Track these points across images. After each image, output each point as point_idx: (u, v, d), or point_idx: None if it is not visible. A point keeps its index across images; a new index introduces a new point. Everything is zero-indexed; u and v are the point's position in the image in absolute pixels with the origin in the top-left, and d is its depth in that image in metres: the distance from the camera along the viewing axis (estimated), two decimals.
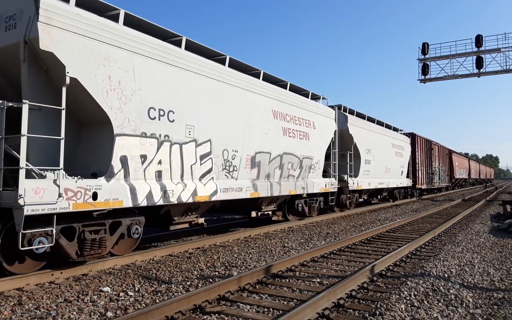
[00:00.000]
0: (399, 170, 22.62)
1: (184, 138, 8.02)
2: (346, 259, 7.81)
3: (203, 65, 8.67)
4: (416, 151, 26.58)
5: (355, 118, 17.14)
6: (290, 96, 12.25)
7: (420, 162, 27.32)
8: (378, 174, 19.21)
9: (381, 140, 19.69)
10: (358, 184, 16.93)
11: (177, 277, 6.45)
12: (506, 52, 23.28)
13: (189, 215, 8.84)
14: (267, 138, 10.73)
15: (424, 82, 25.74)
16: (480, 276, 6.53)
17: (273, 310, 4.87)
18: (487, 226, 12.71)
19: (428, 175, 29.76)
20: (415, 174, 26.28)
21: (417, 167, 26.60)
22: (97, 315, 4.71)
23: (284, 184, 11.56)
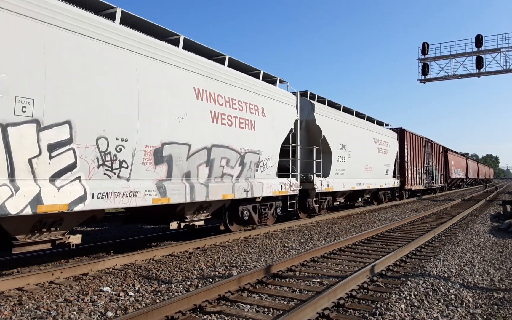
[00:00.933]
0: (383, 169, 19.97)
1: (10, 117, 5.34)
2: (346, 259, 7.81)
3: (52, 8, 5.85)
4: (405, 148, 23.99)
5: (324, 107, 14.74)
6: (228, 73, 9.54)
7: (410, 160, 24.83)
8: (356, 174, 16.79)
9: (360, 134, 17.29)
10: (329, 185, 14.37)
11: (177, 277, 6.45)
12: (506, 52, 23.29)
13: (44, 232, 6.25)
14: (184, 125, 7.98)
15: (424, 82, 25.75)
16: (480, 276, 6.53)
17: (273, 310, 4.87)
18: (487, 226, 12.71)
19: (420, 175, 27.19)
20: (403, 173, 23.71)
21: (406, 166, 24.08)
22: (97, 315, 4.71)
23: (215, 186, 8.87)
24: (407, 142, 24.50)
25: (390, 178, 21.42)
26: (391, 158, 21.16)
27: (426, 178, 29.10)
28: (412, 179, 25.39)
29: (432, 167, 31.33)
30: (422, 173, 27.78)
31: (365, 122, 18.41)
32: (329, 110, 14.97)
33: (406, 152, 24.27)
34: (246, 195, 9.92)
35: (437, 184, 33.24)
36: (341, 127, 15.56)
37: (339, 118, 15.58)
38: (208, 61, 9.08)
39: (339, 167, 15.19)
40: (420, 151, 27.40)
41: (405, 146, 24.04)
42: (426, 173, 28.92)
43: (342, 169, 15.45)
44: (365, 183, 17.67)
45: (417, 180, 26.44)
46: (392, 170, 21.62)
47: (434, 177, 31.99)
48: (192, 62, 8.49)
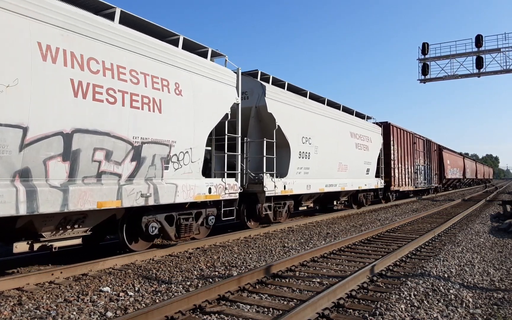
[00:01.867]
0: (362, 167, 17.44)
1: None
2: (346, 259, 7.81)
3: None
4: (391, 145, 21.64)
5: (280, 91, 11.84)
6: (116, 31, 6.96)
7: (397, 158, 22.40)
8: (326, 173, 14.01)
9: (332, 126, 14.50)
10: (287, 187, 11.69)
11: (177, 277, 6.45)
12: (506, 52, 23.29)
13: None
14: (12, 97, 5.37)
15: (424, 82, 25.74)
16: (480, 276, 6.53)
17: (273, 310, 4.87)
18: (487, 226, 12.71)
19: (409, 175, 24.92)
20: (389, 173, 21.24)
21: (392, 165, 21.58)
22: (97, 315, 4.71)
23: (83, 190, 6.26)
24: (394, 138, 22.18)
25: (372, 178, 18.84)
26: (373, 155, 18.51)
27: (417, 178, 26.65)
28: (400, 179, 22.95)
29: (424, 166, 28.84)
30: (412, 172, 25.38)
31: (339, 112, 15.48)
32: (287, 95, 12.09)
33: (393, 149, 21.83)
34: (145, 202, 7.28)
35: (431, 184, 30.57)
36: (305, 117, 12.66)
37: (302, 105, 12.67)
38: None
39: (301, 165, 12.33)
40: (409, 148, 25.06)
41: (391, 142, 21.65)
42: (416, 172, 26.43)
43: (306, 167, 12.58)
44: (338, 184, 14.95)
45: (405, 180, 24.06)
46: (375, 169, 19.02)
47: (427, 176, 29.44)
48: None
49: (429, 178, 30.06)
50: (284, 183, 11.56)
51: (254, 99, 11.21)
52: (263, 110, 11.17)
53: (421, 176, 27.76)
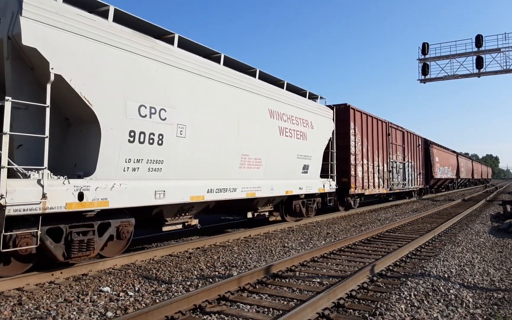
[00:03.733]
0: (295, 164, 12.17)
1: None
2: (346, 259, 7.81)
3: None
4: (351, 135, 16.69)
5: (74, 12, 6.18)
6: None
7: (361, 152, 17.57)
8: (210, 171, 8.88)
9: (225, 97, 9.25)
10: (89, 195, 6.25)
11: (177, 277, 6.45)
12: (506, 52, 23.29)
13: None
14: None
15: (424, 82, 25.74)
16: (480, 276, 6.53)
17: (273, 310, 4.87)
18: (487, 226, 12.71)
19: (381, 174, 19.82)
20: (347, 171, 16.30)
21: (353, 161, 16.67)
22: (97, 315, 4.71)
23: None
24: (356, 125, 17.27)
25: (315, 179, 13.36)
26: (315, 147, 13.14)
27: (393, 178, 21.53)
28: (365, 180, 17.94)
29: (404, 163, 23.76)
30: (384, 171, 20.32)
31: (247, 79, 10.17)
32: (98, 24, 6.50)
33: (354, 140, 16.98)
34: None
35: (412, 185, 25.53)
36: (152, 72, 7.38)
37: (142, 50, 7.21)
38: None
39: (140, 156, 7.19)
40: (381, 140, 20.19)
41: (351, 132, 16.66)
42: (392, 171, 21.38)
43: (152, 160, 7.42)
44: (242, 188, 9.79)
45: (374, 180, 19.00)
46: (320, 165, 13.64)
47: (408, 176, 24.59)
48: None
49: (411, 178, 25.24)
50: (79, 188, 6.11)
51: (6, 23, 5.72)
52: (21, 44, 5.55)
53: (399, 176, 22.64)
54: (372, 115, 19.37)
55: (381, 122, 20.42)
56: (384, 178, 20.35)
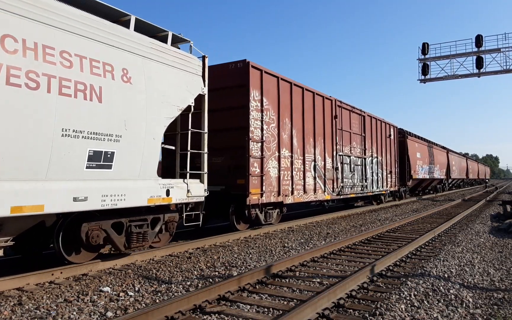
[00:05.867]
0: (64, 148, 5.87)
1: None
2: (346, 259, 7.81)
3: None
4: (253, 109, 10.78)
5: None
6: None
7: (280, 138, 11.87)
8: None
9: None
10: None
11: (177, 277, 6.45)
12: (506, 52, 23.32)
13: None
14: None
15: (424, 82, 25.79)
16: (480, 276, 6.53)
17: (273, 310, 4.87)
18: (487, 226, 12.71)
19: (321, 172, 14.11)
20: (245, 168, 10.54)
21: (257, 150, 10.84)
22: (97, 315, 4.71)
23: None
24: (268, 97, 11.35)
25: (142, 181, 7.20)
26: (140, 118, 7.08)
27: (343, 179, 15.67)
28: (285, 182, 12.00)
29: (365, 159, 17.89)
30: (327, 168, 14.52)
31: None
32: None
33: (261, 119, 11.03)
34: None
35: (378, 188, 19.37)
36: None
37: None
38: None
39: None
40: (320, 124, 14.17)
41: (252, 105, 10.70)
42: (340, 169, 15.49)
43: None
44: None
45: (305, 182, 13.00)
46: (152, 153, 7.35)
47: (373, 176, 18.78)
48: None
49: (377, 178, 19.33)
50: None
51: None
52: None
53: (355, 175, 16.93)
54: (304, 86, 13.10)
55: (321, 99, 14.13)
56: (326, 179, 14.39)
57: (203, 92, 8.54)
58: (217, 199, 10.74)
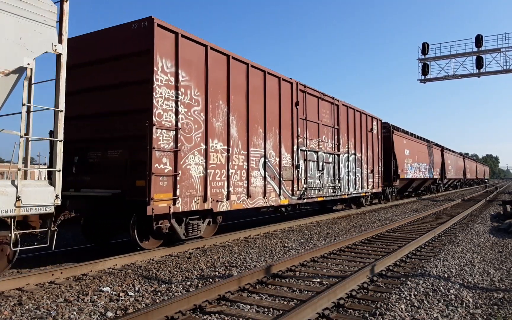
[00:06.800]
0: None
1: None
2: (346, 259, 7.81)
3: None
4: (160, 85, 7.80)
5: None
6: None
7: (209, 126, 8.97)
8: None
9: None
10: None
11: (177, 277, 6.45)
12: (506, 52, 23.33)
13: None
14: None
15: (424, 82, 25.81)
16: (480, 276, 6.53)
17: (273, 310, 4.87)
18: (487, 226, 12.71)
19: (274, 171, 11.32)
20: (146, 165, 7.47)
21: (167, 142, 7.92)
22: (97, 315, 4.71)
23: None
24: (191, 70, 8.68)
25: None
26: None
27: (305, 179, 12.83)
28: (217, 183, 9.21)
29: (338, 155, 15.25)
30: (284, 166, 11.81)
31: None
32: None
33: (175, 99, 8.21)
34: None
35: (355, 189, 16.87)
36: None
37: None
38: None
39: None
40: (274, 111, 11.46)
41: (158, 79, 7.81)
42: (299, 167, 12.52)
43: None
44: None
45: (249, 184, 10.25)
46: None
47: (346, 176, 15.97)
48: None
49: (356, 178, 16.93)
50: None
51: None
52: None
53: (324, 175, 14.12)
54: (249, 61, 10.40)
55: (276, 80, 11.51)
56: (283, 179, 11.62)
57: (56, 51, 6.07)
58: (113, 208, 8.08)
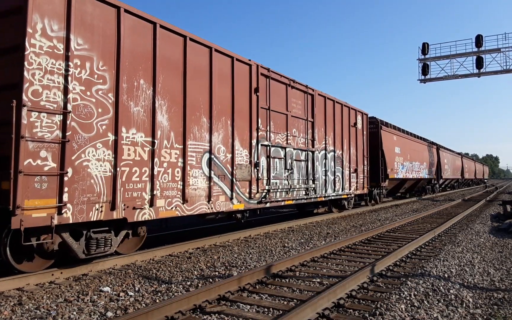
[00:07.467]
0: None
1: None
2: (346, 259, 7.81)
3: None
4: (32, 54, 5.64)
5: None
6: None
7: (120, 112, 6.81)
8: None
9: None
10: None
11: (177, 277, 6.45)
12: (506, 52, 23.31)
13: None
14: None
15: (424, 82, 25.77)
16: (480, 276, 6.53)
17: (273, 310, 4.87)
18: (487, 226, 12.71)
19: (225, 170, 9.27)
20: (6, 160, 5.46)
21: (52, 132, 5.80)
22: (97, 315, 4.71)
23: None
24: (93, 36, 6.49)
25: None
26: None
27: (268, 180, 10.88)
28: (135, 185, 7.08)
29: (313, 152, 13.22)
30: (231, 164, 9.53)
31: None
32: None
33: (66, 72, 6.08)
34: None
35: (335, 190, 14.72)
36: None
37: None
38: None
39: None
40: (226, 98, 9.46)
41: (29, 40, 5.62)
42: (258, 164, 10.46)
43: None
44: None
45: (187, 186, 8.12)
46: None
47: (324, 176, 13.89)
48: None
49: (334, 178, 14.74)
50: None
51: None
52: None
53: (295, 175, 12.26)
54: (190, 34, 8.34)
55: (228, 60, 9.57)
56: (237, 179, 9.67)
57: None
58: None
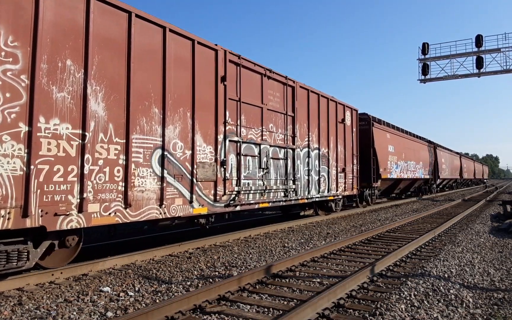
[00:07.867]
0: None
1: None
2: (346, 259, 7.81)
3: None
4: None
5: None
6: None
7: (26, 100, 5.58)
8: None
9: None
10: None
11: (177, 277, 6.45)
12: (506, 52, 23.31)
13: None
14: None
15: (424, 82, 25.77)
16: (480, 276, 6.53)
17: (273, 310, 4.87)
18: (487, 226, 12.71)
19: (183, 170, 8.06)
20: None
21: None
22: (97, 315, 4.71)
23: None
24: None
25: None
26: None
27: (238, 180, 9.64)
28: (46, 187, 5.70)
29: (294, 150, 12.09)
30: (191, 162, 8.29)
31: None
32: None
33: None
34: None
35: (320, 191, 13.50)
36: None
37: None
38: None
39: None
40: (186, 86, 8.31)
41: None
42: (225, 163, 9.24)
43: None
44: None
45: (127, 186, 6.88)
46: None
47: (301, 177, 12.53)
48: None
49: (319, 178, 13.57)
50: None
51: None
52: None
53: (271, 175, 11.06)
54: (134, 9, 7.28)
55: (189, 43, 8.47)
56: (198, 179, 8.52)
57: None
58: None
